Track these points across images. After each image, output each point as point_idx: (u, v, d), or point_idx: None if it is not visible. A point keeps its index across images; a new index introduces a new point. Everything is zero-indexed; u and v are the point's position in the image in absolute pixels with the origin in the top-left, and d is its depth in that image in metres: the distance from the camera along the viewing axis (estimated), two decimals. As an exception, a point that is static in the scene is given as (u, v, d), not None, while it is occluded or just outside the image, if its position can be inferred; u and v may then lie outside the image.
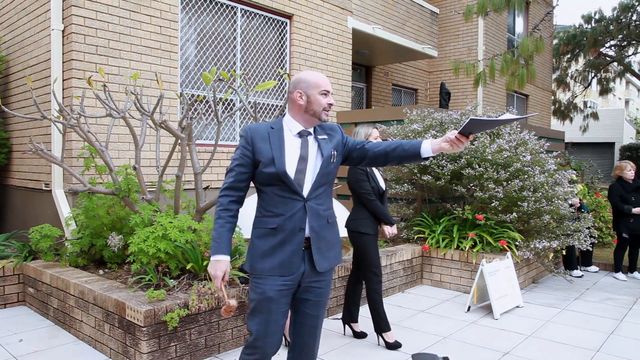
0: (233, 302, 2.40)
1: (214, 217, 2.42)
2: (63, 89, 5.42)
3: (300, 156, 2.37)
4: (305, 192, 2.36)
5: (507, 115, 2.35)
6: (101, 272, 4.57)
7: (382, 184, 4.17)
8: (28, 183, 6.14)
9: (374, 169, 4.15)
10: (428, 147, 2.35)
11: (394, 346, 4.03)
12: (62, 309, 4.31)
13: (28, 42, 6.08)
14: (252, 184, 2.44)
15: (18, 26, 6.31)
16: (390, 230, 4.13)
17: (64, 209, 5.33)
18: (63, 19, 5.42)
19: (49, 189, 5.62)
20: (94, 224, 4.67)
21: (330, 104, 2.43)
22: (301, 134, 2.42)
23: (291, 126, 2.43)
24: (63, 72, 5.43)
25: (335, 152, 2.46)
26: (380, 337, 4.11)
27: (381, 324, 4.07)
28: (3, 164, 6.56)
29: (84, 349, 3.89)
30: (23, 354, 3.78)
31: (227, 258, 2.37)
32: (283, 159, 2.33)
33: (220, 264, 2.35)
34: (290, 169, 2.34)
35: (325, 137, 2.46)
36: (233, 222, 2.41)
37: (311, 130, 2.45)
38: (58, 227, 5.05)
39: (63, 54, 5.43)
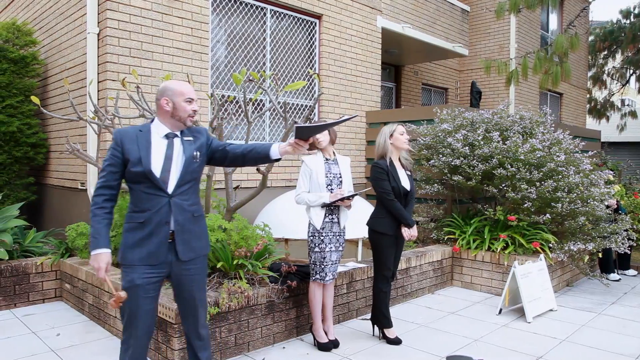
0: (122, 294, 2.56)
1: (90, 215, 2.63)
2: (98, 91, 5.56)
3: (166, 156, 2.63)
4: (170, 189, 2.62)
5: (345, 117, 2.73)
6: (134, 269, 4.66)
7: (407, 185, 4.07)
8: (65, 182, 6.33)
9: (398, 169, 4.07)
10: (276, 150, 2.64)
11: (395, 341, 4.10)
12: (97, 305, 4.43)
13: (65, 46, 6.26)
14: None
15: (56, 30, 6.51)
16: (408, 233, 4.02)
17: (99, 207, 5.46)
18: (98, 22, 5.56)
19: (84, 188, 5.78)
20: (127, 222, 4.77)
21: (195, 110, 2.69)
22: (168, 136, 2.68)
23: (159, 129, 2.69)
24: (98, 74, 5.57)
25: (199, 153, 2.72)
26: (377, 328, 4.25)
27: (383, 321, 4.16)
28: (42, 164, 6.78)
29: (117, 344, 3.97)
30: (60, 347, 3.90)
31: (108, 251, 2.59)
32: (149, 158, 2.59)
33: (101, 257, 2.56)
34: (156, 168, 2.59)
35: (191, 139, 2.72)
36: (109, 218, 2.63)
37: (178, 132, 2.71)
38: (93, 225, 5.18)
39: (98, 56, 5.57)
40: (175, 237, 2.62)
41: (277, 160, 2.68)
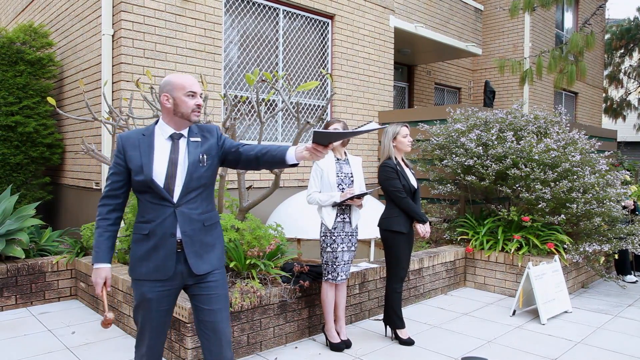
0: (110, 315, 2.42)
1: (95, 226, 2.47)
2: (113, 92, 5.62)
3: (170, 160, 2.38)
4: (176, 198, 2.37)
5: (370, 126, 2.40)
6: (148, 268, 4.69)
7: (414, 182, 4.15)
8: (80, 182, 6.40)
9: (404, 167, 4.15)
10: (292, 154, 2.35)
11: (407, 342, 4.09)
12: (111, 304, 4.47)
13: (80, 47, 6.33)
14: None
15: (71, 32, 6.58)
16: (423, 229, 4.07)
17: (113, 207, 5.51)
18: (113, 24, 5.61)
19: (99, 187, 5.84)
20: (141, 222, 4.80)
21: (199, 105, 2.41)
22: (172, 137, 2.42)
23: (163, 130, 2.44)
24: (113, 75, 5.63)
25: (206, 156, 2.43)
26: (389, 329, 4.24)
27: (397, 322, 4.14)
28: (57, 164, 6.86)
29: (131, 343, 4.01)
30: (75, 345, 3.95)
31: (107, 265, 2.43)
32: (151, 166, 2.35)
33: (100, 272, 2.42)
34: (160, 176, 2.36)
35: (199, 139, 2.45)
36: (112, 230, 2.44)
37: (184, 132, 2.45)
38: (108, 225, 5.23)
39: (113, 57, 5.63)
40: (185, 250, 2.39)
41: (294, 165, 2.38)
